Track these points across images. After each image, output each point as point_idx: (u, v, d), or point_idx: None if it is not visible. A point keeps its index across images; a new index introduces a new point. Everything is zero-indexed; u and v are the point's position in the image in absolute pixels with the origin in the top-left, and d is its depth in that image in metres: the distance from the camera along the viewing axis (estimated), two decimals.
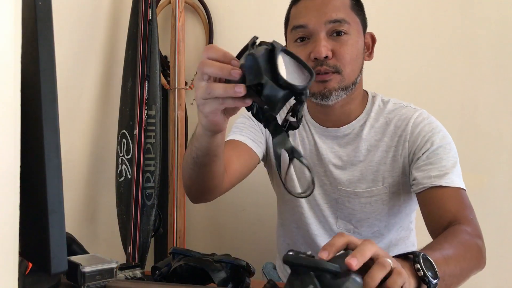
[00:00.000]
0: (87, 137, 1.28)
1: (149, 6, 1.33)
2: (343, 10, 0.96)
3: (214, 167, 0.85)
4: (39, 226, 0.54)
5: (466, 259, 0.81)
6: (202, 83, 0.65)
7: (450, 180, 0.92)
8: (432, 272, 0.64)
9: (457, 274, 0.76)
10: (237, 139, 1.06)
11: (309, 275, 0.51)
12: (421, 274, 0.61)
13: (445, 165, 0.94)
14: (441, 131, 0.99)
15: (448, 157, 0.95)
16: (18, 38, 0.48)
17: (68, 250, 0.60)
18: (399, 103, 1.06)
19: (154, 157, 1.28)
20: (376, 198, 1.02)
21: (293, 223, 1.13)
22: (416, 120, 1.00)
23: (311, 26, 0.95)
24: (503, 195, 1.41)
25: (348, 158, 1.04)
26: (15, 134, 0.48)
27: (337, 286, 0.50)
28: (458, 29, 1.44)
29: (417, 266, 0.62)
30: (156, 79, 1.31)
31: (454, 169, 0.94)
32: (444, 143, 0.97)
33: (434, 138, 0.97)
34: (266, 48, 0.60)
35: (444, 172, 0.93)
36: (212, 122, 0.71)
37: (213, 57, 0.64)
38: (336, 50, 0.95)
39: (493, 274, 1.42)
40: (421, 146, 0.97)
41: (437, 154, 0.95)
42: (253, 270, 0.73)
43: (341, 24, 0.95)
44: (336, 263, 0.52)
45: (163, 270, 0.76)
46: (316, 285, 0.51)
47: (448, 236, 0.83)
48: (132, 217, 1.24)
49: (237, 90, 0.60)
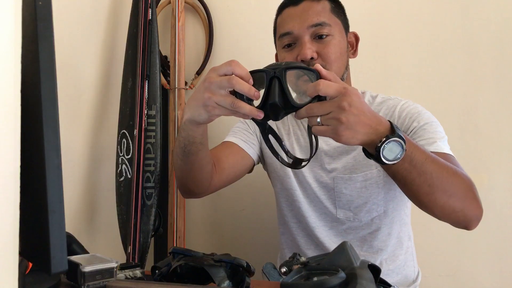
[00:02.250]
0: (87, 137, 1.28)
1: (149, 6, 1.32)
2: (324, 14, 1.04)
3: (200, 155, 0.94)
4: (39, 226, 0.54)
5: (449, 172, 0.83)
6: (222, 92, 0.75)
7: (439, 147, 0.95)
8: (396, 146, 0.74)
9: (428, 169, 0.79)
10: (230, 141, 1.15)
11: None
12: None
13: (433, 137, 0.98)
14: (426, 113, 1.03)
15: (436, 132, 0.99)
16: (18, 38, 0.48)
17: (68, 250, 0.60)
18: (386, 96, 1.12)
19: (154, 157, 1.28)
20: (371, 181, 1.05)
21: (293, 219, 1.15)
22: (402, 106, 1.06)
23: (296, 31, 1.04)
24: (503, 195, 1.41)
25: (342, 148, 1.08)
26: (15, 134, 0.48)
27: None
28: (458, 29, 1.44)
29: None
30: (156, 79, 1.31)
31: (442, 139, 0.98)
32: (430, 121, 1.01)
33: (420, 118, 1.01)
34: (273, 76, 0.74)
35: (432, 141, 0.96)
36: (210, 120, 0.82)
37: (240, 74, 0.74)
38: (321, 51, 1.02)
39: (493, 274, 1.43)
40: (409, 125, 1.02)
41: (424, 129, 1.00)
42: (253, 270, 0.73)
43: (323, 27, 1.03)
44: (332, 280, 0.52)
45: (163, 270, 0.76)
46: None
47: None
48: (132, 217, 1.24)
49: (259, 115, 0.74)
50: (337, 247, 0.65)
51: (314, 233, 1.11)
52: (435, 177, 0.80)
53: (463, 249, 1.44)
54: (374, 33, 1.49)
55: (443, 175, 0.81)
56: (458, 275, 1.45)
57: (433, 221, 0.91)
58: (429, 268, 1.42)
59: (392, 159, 0.76)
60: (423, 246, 1.33)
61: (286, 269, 0.63)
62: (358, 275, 0.55)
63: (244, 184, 1.53)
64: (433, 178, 0.80)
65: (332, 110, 0.72)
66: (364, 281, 0.54)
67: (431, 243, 1.44)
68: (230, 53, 1.58)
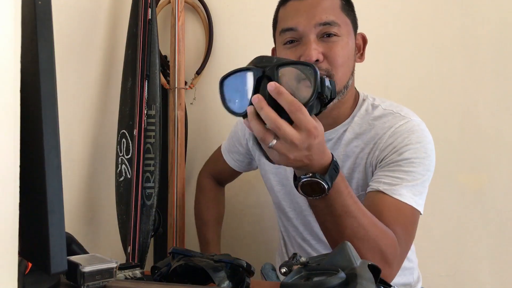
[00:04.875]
0: (86, 137, 1.28)
1: (149, 6, 1.32)
2: (333, 12, 0.93)
3: None
4: (38, 226, 0.54)
5: (372, 221, 0.79)
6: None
7: (398, 192, 0.87)
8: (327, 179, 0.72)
9: (353, 212, 0.76)
10: (225, 159, 1.31)
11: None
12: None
13: (402, 177, 0.88)
14: (418, 144, 0.92)
15: (411, 171, 0.89)
16: (18, 38, 0.48)
17: (67, 250, 0.60)
18: (388, 109, 1.00)
19: (154, 157, 1.28)
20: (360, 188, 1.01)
21: (292, 211, 1.14)
22: (396, 129, 0.95)
23: (301, 28, 0.93)
24: (503, 195, 1.41)
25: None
26: (14, 134, 0.48)
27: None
28: (458, 29, 1.44)
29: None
30: (156, 78, 1.30)
31: (410, 183, 0.88)
32: (413, 157, 0.90)
33: (403, 150, 0.91)
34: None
35: (396, 183, 0.88)
36: None
37: None
38: (327, 53, 0.92)
39: (493, 274, 1.43)
40: (388, 156, 0.93)
41: (399, 165, 0.90)
42: (253, 270, 0.73)
43: (331, 27, 0.92)
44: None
45: (163, 270, 0.75)
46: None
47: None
48: (131, 217, 1.24)
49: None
50: (337, 247, 0.65)
51: (311, 226, 1.09)
52: (348, 230, 0.76)
53: (463, 249, 1.44)
54: (374, 33, 1.48)
55: (358, 231, 0.77)
56: (458, 275, 1.44)
57: (433, 222, 0.91)
58: (429, 268, 1.42)
59: (306, 194, 0.74)
60: (423, 246, 1.33)
61: (286, 270, 0.63)
62: (358, 275, 0.55)
63: (244, 184, 1.53)
64: (346, 230, 0.76)
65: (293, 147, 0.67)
66: (364, 281, 0.54)
67: (431, 243, 1.43)
68: (230, 52, 1.58)
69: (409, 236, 0.87)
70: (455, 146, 1.42)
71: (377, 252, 0.78)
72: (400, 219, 0.86)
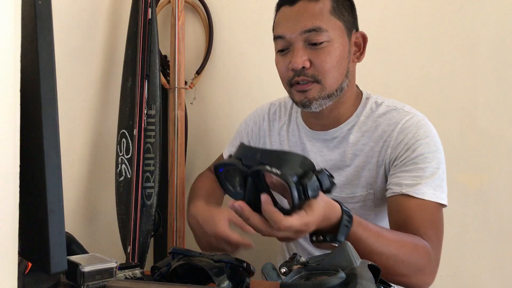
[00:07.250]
0: (86, 136, 1.28)
1: (149, 5, 1.32)
2: (321, 17, 0.93)
3: None
4: (38, 225, 0.54)
5: (398, 244, 0.81)
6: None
7: (420, 191, 0.89)
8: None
9: (377, 248, 0.78)
10: None
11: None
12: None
13: (421, 175, 0.91)
14: (427, 138, 0.94)
15: (427, 167, 0.92)
16: (18, 37, 0.48)
17: (67, 249, 0.60)
18: (392, 105, 1.02)
19: (154, 156, 1.28)
20: (360, 204, 1.01)
21: None
22: (403, 125, 0.96)
23: (288, 36, 0.95)
24: (503, 195, 1.41)
25: (334, 163, 1.03)
26: (15, 134, 0.48)
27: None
28: (458, 29, 1.44)
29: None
30: (156, 78, 1.31)
31: (429, 180, 0.91)
32: (426, 152, 0.93)
33: (416, 146, 0.93)
34: None
35: (416, 182, 0.90)
36: None
37: None
38: (314, 60, 0.93)
39: (493, 274, 1.43)
40: (402, 153, 0.95)
41: (415, 162, 0.92)
42: (253, 270, 0.73)
43: (318, 33, 0.93)
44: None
45: (163, 270, 0.75)
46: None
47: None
48: (131, 216, 1.24)
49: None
50: (337, 247, 0.65)
51: None
52: (378, 262, 0.76)
53: (463, 249, 1.43)
54: (373, 33, 1.48)
55: (388, 261, 0.79)
56: (458, 275, 1.44)
57: None
58: None
59: (324, 248, 0.78)
60: None
61: (286, 270, 0.63)
62: (358, 275, 0.55)
63: None
64: (376, 262, 0.76)
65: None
66: (364, 281, 0.54)
67: None
68: (230, 52, 1.58)
69: (440, 234, 0.90)
70: (455, 146, 1.41)
71: (413, 269, 0.82)
72: (429, 220, 0.89)
